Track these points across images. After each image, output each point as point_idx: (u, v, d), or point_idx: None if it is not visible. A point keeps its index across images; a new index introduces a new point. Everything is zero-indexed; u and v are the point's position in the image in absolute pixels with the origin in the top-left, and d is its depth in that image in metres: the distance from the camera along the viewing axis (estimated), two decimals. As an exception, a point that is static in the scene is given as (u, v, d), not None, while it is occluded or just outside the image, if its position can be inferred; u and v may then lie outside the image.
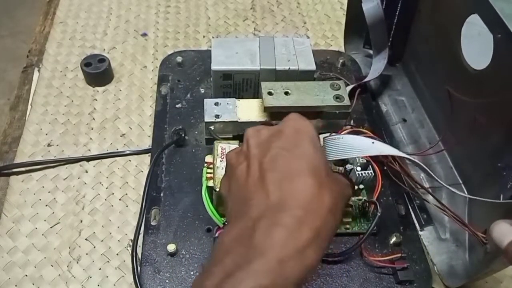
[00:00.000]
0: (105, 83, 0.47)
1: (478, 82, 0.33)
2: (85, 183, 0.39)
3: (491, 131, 0.32)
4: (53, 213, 0.38)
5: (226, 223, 0.32)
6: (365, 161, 0.36)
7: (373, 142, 0.30)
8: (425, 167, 0.32)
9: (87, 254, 0.35)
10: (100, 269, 0.35)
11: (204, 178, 0.33)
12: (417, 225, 0.37)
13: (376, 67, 0.45)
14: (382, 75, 0.45)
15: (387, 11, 0.43)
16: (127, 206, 0.38)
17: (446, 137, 0.38)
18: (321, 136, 0.35)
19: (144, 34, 0.53)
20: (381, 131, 0.43)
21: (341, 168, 0.36)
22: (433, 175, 0.32)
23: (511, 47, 0.28)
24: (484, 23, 0.31)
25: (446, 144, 0.38)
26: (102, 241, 0.36)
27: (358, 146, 0.29)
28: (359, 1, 0.43)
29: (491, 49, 0.30)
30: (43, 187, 0.39)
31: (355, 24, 0.47)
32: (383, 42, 0.44)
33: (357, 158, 0.37)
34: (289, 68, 0.40)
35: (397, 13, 0.44)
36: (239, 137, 0.37)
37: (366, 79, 0.45)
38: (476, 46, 0.33)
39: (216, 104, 0.38)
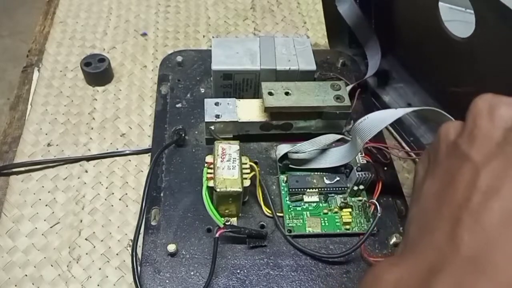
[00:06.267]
0: (105, 83, 0.47)
1: (468, 50, 0.33)
2: (85, 183, 0.39)
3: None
4: (53, 213, 0.37)
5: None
6: (365, 161, 0.36)
7: (396, 108, 0.30)
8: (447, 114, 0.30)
9: (87, 254, 0.35)
10: (100, 269, 0.35)
11: (204, 178, 0.33)
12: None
13: (372, 63, 0.45)
14: (377, 69, 0.45)
15: (362, 6, 0.43)
16: (127, 206, 0.38)
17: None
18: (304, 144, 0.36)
19: (144, 34, 0.53)
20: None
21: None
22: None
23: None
24: None
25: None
26: (102, 241, 0.36)
27: (385, 117, 0.30)
28: (334, 4, 0.43)
29: (472, 15, 0.30)
30: (43, 187, 0.39)
31: (336, 26, 0.47)
32: (371, 38, 0.44)
33: (357, 159, 0.37)
34: (289, 68, 0.40)
35: (372, 6, 0.44)
36: (240, 137, 0.37)
37: (366, 77, 0.45)
38: (458, 15, 0.33)
39: (216, 104, 0.38)
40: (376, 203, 0.34)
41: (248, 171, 0.34)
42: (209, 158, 0.35)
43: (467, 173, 0.18)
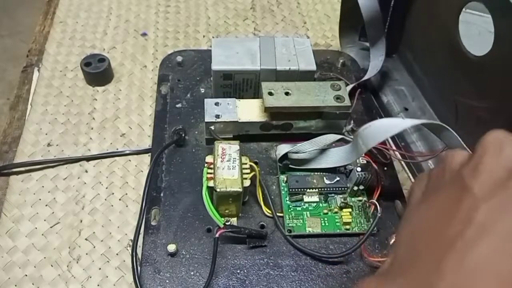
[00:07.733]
0: (105, 83, 0.47)
1: (480, 68, 0.33)
2: (85, 183, 0.39)
3: (493, 125, 0.32)
4: (53, 213, 0.37)
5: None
6: (365, 161, 0.36)
7: (403, 118, 0.30)
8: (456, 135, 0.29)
9: (87, 254, 0.35)
10: (100, 269, 0.35)
11: (204, 178, 0.33)
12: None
13: (374, 64, 0.45)
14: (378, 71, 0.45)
15: (382, 2, 0.43)
16: (127, 206, 0.38)
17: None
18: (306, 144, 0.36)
19: (144, 34, 0.53)
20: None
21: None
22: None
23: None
24: (487, 8, 0.31)
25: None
26: (102, 241, 0.36)
27: (392, 126, 0.29)
28: None
29: (492, 34, 0.30)
30: (42, 187, 0.39)
31: (350, 17, 0.47)
32: (380, 37, 0.44)
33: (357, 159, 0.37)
34: (289, 68, 0.40)
35: (391, 4, 0.43)
36: (240, 137, 0.37)
37: (365, 77, 0.45)
38: (476, 31, 0.33)
39: (217, 104, 0.38)
40: (376, 203, 0.34)
41: (248, 171, 0.34)
42: (209, 158, 0.35)
43: (466, 206, 0.18)
